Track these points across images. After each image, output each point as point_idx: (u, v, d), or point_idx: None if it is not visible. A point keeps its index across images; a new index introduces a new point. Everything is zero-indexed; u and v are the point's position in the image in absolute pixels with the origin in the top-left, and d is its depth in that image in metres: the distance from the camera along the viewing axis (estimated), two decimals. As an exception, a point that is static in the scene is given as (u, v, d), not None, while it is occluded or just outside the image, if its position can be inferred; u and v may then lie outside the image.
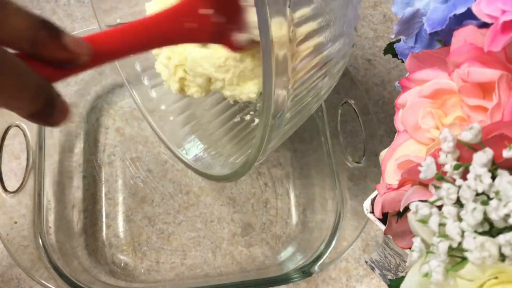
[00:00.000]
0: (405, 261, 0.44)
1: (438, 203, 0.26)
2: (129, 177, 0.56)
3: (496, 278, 0.24)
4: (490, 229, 0.25)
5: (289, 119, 0.36)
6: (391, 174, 0.33)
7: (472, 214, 0.24)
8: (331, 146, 0.53)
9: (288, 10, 0.29)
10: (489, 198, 0.25)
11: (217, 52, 0.42)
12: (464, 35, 0.31)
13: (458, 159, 0.27)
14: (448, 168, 0.26)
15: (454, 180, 0.26)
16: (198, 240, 0.54)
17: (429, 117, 0.33)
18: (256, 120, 0.53)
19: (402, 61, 0.39)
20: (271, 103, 0.31)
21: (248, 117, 0.54)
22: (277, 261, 0.53)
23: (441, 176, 0.27)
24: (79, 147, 0.56)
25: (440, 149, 0.27)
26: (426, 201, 0.27)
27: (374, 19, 0.65)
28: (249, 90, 0.44)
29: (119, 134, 0.58)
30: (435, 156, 0.27)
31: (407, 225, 0.28)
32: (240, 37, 0.39)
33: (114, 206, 0.55)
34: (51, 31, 0.28)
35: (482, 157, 0.25)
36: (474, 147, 0.26)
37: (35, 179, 0.49)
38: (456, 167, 0.26)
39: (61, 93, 0.30)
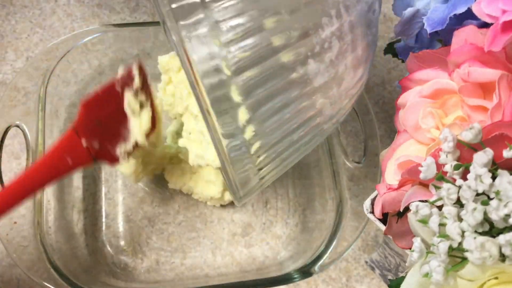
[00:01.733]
0: (405, 261, 0.44)
1: (438, 203, 0.27)
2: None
3: (496, 278, 0.24)
4: (490, 229, 0.25)
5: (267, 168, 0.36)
6: (391, 174, 0.33)
7: (473, 214, 0.24)
8: (331, 146, 0.53)
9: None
10: (490, 198, 0.25)
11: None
12: (465, 35, 0.31)
13: (458, 159, 0.27)
14: (448, 168, 0.26)
15: (455, 180, 0.26)
16: (198, 240, 0.54)
17: (429, 117, 0.33)
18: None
19: (403, 61, 0.40)
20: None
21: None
22: (277, 261, 0.53)
23: (441, 176, 0.27)
24: (79, 147, 0.56)
25: (440, 149, 0.27)
26: (426, 201, 0.27)
27: (374, 19, 0.65)
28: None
29: (119, 134, 0.58)
30: (435, 156, 0.27)
31: (407, 225, 0.28)
32: (124, 147, 0.44)
33: (114, 206, 0.54)
34: None
35: (482, 157, 0.25)
36: (475, 147, 0.26)
37: (35, 179, 0.49)
38: (456, 167, 0.26)
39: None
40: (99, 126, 0.43)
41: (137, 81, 0.44)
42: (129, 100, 0.44)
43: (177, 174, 0.53)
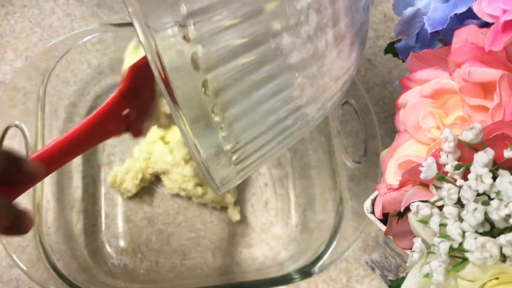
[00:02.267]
0: (405, 262, 0.44)
1: (439, 204, 0.26)
2: (128, 177, 0.55)
3: (497, 278, 0.24)
4: (491, 230, 0.25)
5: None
6: (391, 174, 0.33)
7: (473, 214, 0.24)
8: (331, 146, 0.53)
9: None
10: (490, 199, 0.24)
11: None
12: (465, 35, 0.31)
13: (459, 159, 0.27)
14: (449, 168, 0.26)
15: (455, 180, 0.26)
16: (198, 240, 0.54)
17: (429, 117, 0.32)
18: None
19: (403, 61, 0.39)
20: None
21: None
22: (277, 262, 0.53)
23: (442, 176, 0.26)
24: (78, 147, 0.56)
25: (441, 149, 0.27)
26: (427, 201, 0.27)
27: (375, 18, 0.65)
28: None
29: (119, 134, 0.57)
30: (436, 156, 0.27)
31: (407, 225, 0.28)
32: (148, 123, 0.44)
33: (114, 206, 0.54)
34: (16, 161, 0.32)
35: (483, 157, 0.25)
36: (475, 147, 0.26)
37: (34, 179, 0.49)
38: (457, 167, 0.26)
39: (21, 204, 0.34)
40: (137, 95, 0.43)
41: None
42: None
43: (175, 179, 0.53)
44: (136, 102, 0.42)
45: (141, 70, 0.43)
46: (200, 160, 0.31)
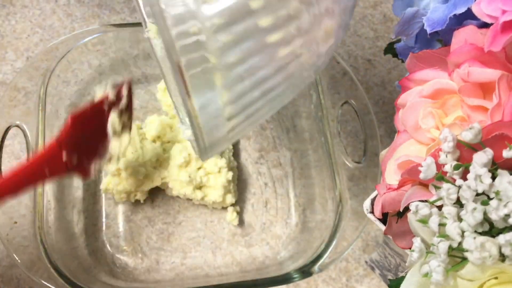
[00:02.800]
0: (405, 261, 0.44)
1: (438, 203, 0.27)
2: (129, 177, 0.55)
3: (496, 278, 0.24)
4: (490, 229, 0.25)
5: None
6: (391, 174, 0.33)
7: (472, 214, 0.24)
8: (331, 146, 0.53)
9: None
10: (489, 198, 0.25)
11: None
12: (464, 35, 0.31)
13: (458, 159, 0.27)
14: (448, 168, 0.26)
15: (454, 180, 0.26)
16: (198, 240, 0.54)
17: (429, 117, 0.33)
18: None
19: (402, 61, 0.39)
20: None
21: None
22: (277, 261, 0.53)
23: (441, 176, 0.27)
24: (79, 147, 0.56)
25: (440, 149, 0.27)
26: (426, 201, 0.27)
27: (374, 19, 0.65)
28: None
29: (119, 134, 0.57)
30: (435, 156, 0.27)
31: (407, 225, 0.28)
32: (98, 164, 0.46)
33: (114, 206, 0.55)
34: None
35: (482, 157, 0.25)
36: (474, 147, 0.26)
37: (35, 179, 0.49)
38: (456, 167, 0.26)
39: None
40: (81, 141, 0.44)
41: (124, 102, 0.45)
42: (113, 121, 0.45)
43: (172, 186, 0.53)
44: (79, 148, 0.44)
45: (85, 118, 0.44)
46: (192, 113, 0.30)
